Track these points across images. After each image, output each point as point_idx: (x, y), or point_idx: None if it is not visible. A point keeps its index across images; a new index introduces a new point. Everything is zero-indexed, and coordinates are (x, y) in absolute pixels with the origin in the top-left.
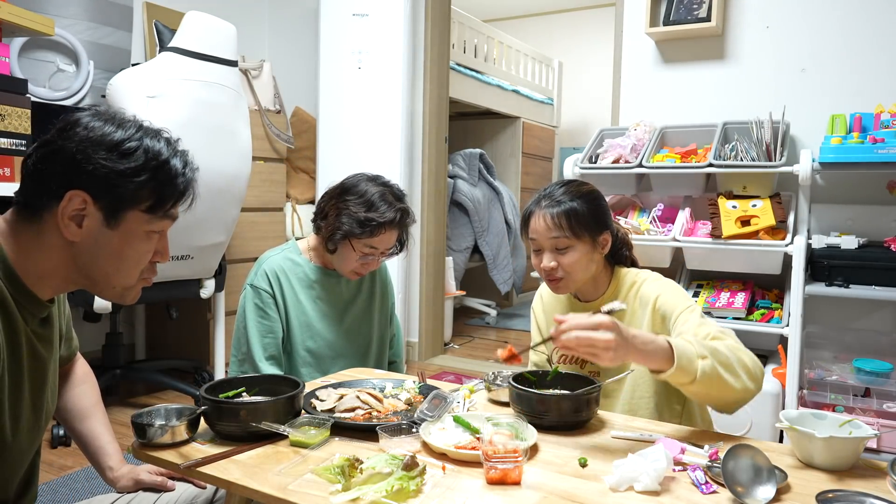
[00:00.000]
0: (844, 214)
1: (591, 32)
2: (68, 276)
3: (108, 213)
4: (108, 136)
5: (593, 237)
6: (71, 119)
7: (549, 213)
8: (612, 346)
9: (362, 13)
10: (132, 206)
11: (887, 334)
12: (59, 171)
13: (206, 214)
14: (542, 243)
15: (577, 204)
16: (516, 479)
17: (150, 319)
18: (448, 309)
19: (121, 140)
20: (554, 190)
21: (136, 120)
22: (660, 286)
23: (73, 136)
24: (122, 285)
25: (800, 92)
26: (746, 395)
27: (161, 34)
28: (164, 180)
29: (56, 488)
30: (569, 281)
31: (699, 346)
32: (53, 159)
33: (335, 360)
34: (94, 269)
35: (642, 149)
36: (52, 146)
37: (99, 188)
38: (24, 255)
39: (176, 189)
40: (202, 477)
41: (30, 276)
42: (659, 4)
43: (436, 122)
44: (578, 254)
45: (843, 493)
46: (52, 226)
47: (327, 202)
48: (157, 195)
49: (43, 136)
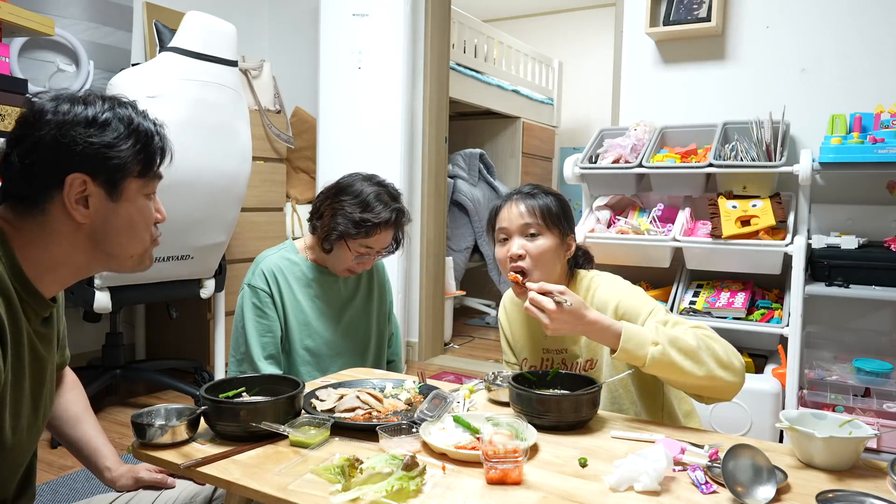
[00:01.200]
0: (844, 214)
1: (591, 32)
2: (78, 262)
3: (109, 187)
4: (80, 115)
5: (562, 234)
6: (33, 109)
7: (522, 203)
8: (554, 315)
9: (362, 13)
10: (127, 174)
11: (887, 334)
12: (50, 159)
13: (206, 214)
14: (512, 231)
15: (549, 200)
16: (516, 479)
17: (150, 319)
18: (448, 309)
19: (94, 115)
20: (524, 188)
21: (94, 93)
22: (616, 289)
23: (46, 124)
24: (137, 252)
25: (800, 92)
26: (714, 382)
27: (161, 34)
28: (145, 142)
29: (56, 488)
30: (536, 275)
31: (655, 334)
32: (39, 150)
33: (334, 358)
34: (110, 244)
35: (642, 149)
36: (31, 139)
37: (93, 165)
38: (32, 249)
39: (157, 147)
40: (202, 477)
41: (37, 271)
42: (659, 4)
43: (436, 122)
44: (547, 244)
45: (843, 493)
46: (58, 214)
47: (323, 202)
48: (144, 157)
49: (8, 136)
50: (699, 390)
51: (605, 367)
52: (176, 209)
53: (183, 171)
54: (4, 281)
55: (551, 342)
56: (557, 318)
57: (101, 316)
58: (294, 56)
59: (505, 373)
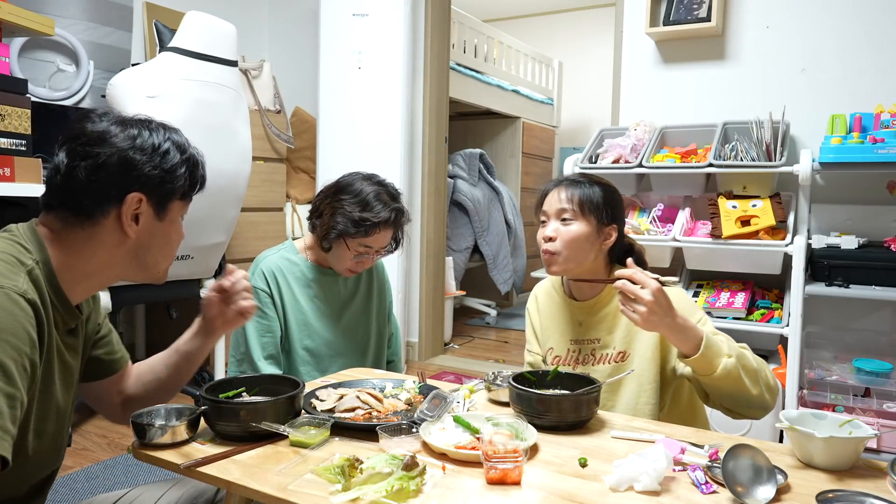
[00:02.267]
0: (844, 214)
1: (591, 32)
2: (112, 273)
3: (158, 207)
4: (147, 141)
5: (599, 223)
6: (96, 130)
7: (565, 190)
8: (650, 306)
9: (362, 13)
10: (175, 196)
11: (887, 334)
12: (116, 178)
13: (206, 214)
14: (550, 214)
15: (592, 189)
16: (516, 479)
17: (150, 319)
18: (448, 309)
19: (158, 143)
20: (572, 175)
21: (153, 120)
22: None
23: (112, 145)
24: (165, 266)
25: (800, 92)
26: (762, 402)
27: (161, 34)
28: (193, 169)
29: (56, 488)
30: (561, 258)
31: (728, 347)
32: (105, 169)
33: (333, 358)
34: (148, 258)
35: (642, 149)
36: (97, 158)
37: (152, 187)
38: (72, 258)
39: (200, 174)
40: (202, 477)
41: (72, 280)
42: (659, 4)
43: (436, 122)
44: (580, 230)
45: (843, 493)
46: (109, 227)
47: (322, 201)
48: (191, 182)
49: (71, 150)
50: (740, 406)
51: (636, 360)
52: None
53: None
54: (42, 288)
55: (584, 332)
56: (655, 309)
57: None
58: (294, 56)
59: (505, 373)
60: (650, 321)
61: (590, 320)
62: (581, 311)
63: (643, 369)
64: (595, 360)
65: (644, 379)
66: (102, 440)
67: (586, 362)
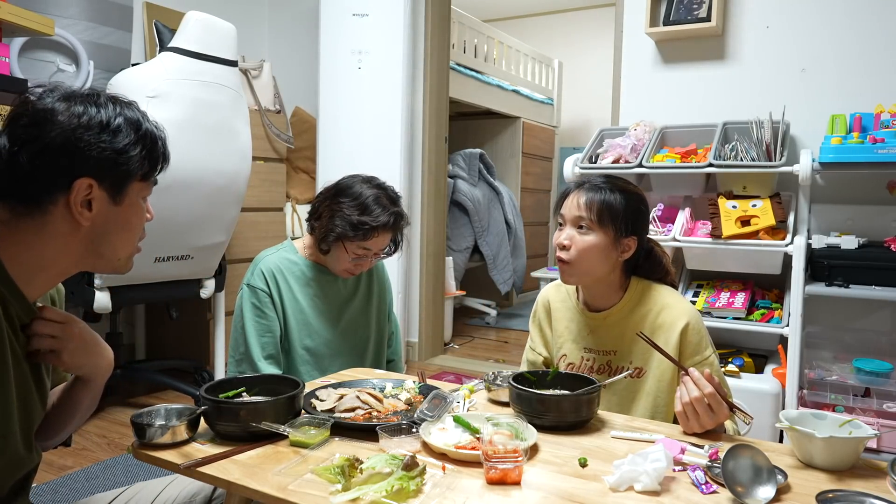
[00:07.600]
0: (844, 214)
1: (591, 32)
2: (66, 264)
3: (114, 191)
4: (94, 119)
5: (617, 234)
6: (39, 109)
7: (585, 195)
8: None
9: (362, 13)
10: (132, 178)
11: (887, 334)
12: (62, 162)
13: (206, 214)
14: (567, 219)
15: (614, 197)
16: (516, 479)
17: (150, 319)
18: (448, 309)
19: (107, 120)
20: (596, 179)
21: (102, 94)
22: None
23: (57, 126)
24: (127, 254)
25: (800, 92)
26: None
27: (161, 34)
28: (150, 147)
29: (56, 488)
30: (575, 267)
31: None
32: (50, 153)
33: (333, 358)
34: (104, 246)
35: (642, 149)
36: (40, 141)
37: (103, 170)
38: (23, 250)
39: (160, 151)
40: (202, 477)
41: (26, 273)
42: (659, 4)
43: (436, 122)
44: (595, 241)
45: (843, 493)
46: (60, 215)
47: (322, 202)
48: (150, 162)
49: (13, 133)
50: None
51: (650, 379)
52: (176, 209)
53: (183, 171)
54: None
55: (599, 343)
56: (706, 425)
57: (101, 316)
58: (294, 56)
59: (505, 373)
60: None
61: (602, 329)
62: (594, 319)
63: (659, 390)
64: (612, 372)
65: (660, 402)
66: (102, 440)
67: (602, 372)
